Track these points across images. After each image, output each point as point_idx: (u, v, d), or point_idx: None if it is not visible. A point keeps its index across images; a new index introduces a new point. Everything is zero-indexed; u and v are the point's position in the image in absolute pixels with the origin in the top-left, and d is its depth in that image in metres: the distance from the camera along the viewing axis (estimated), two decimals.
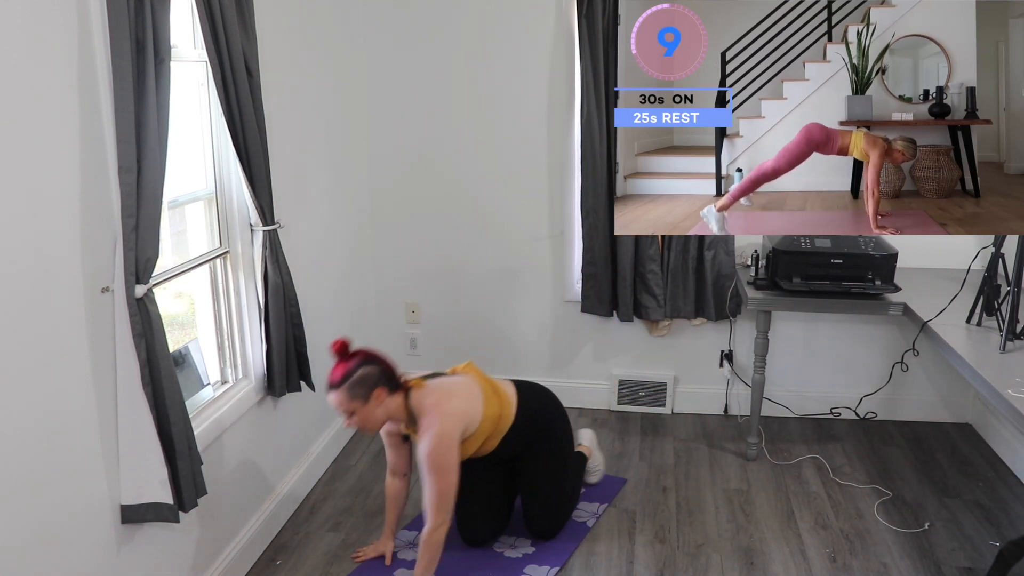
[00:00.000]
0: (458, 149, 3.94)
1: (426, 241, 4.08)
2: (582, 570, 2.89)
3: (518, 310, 4.11)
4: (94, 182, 2.03)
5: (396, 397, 2.63)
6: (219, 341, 2.87)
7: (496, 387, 2.86)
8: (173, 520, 2.27)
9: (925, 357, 3.83)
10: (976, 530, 3.08)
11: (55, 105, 1.91)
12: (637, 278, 3.84)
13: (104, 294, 2.08)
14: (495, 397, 2.81)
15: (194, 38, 2.60)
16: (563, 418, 3.07)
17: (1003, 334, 2.73)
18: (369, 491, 3.38)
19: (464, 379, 2.83)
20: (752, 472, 3.53)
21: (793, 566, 2.88)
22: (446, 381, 2.79)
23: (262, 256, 2.81)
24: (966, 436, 3.85)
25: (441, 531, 2.58)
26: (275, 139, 2.88)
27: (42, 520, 1.93)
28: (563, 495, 3.04)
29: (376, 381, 2.56)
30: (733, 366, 4.00)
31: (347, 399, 2.54)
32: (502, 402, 2.83)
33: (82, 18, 1.97)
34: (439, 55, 3.84)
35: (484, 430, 2.77)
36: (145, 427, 2.17)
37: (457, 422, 2.65)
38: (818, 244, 3.35)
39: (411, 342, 4.24)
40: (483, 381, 2.84)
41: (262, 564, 2.92)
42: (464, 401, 2.72)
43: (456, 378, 2.83)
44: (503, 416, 2.82)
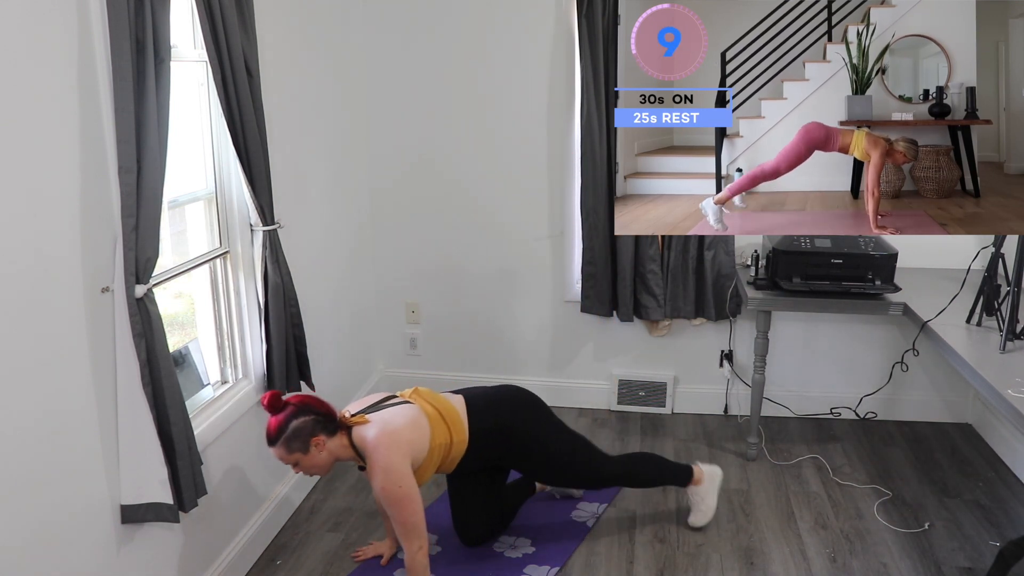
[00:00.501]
0: (458, 149, 3.94)
1: (426, 241, 4.08)
2: (582, 570, 2.88)
3: (518, 310, 4.11)
4: (94, 182, 2.03)
5: (337, 439, 2.56)
6: (219, 341, 2.87)
7: (446, 412, 2.71)
8: (173, 520, 2.27)
9: (925, 357, 3.83)
10: (976, 530, 3.08)
11: (55, 105, 1.91)
12: (637, 278, 3.84)
13: (104, 294, 2.08)
14: (442, 425, 2.68)
15: (194, 38, 2.60)
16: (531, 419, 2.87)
17: (1003, 334, 2.73)
18: (369, 491, 3.38)
19: (407, 408, 2.67)
20: (752, 472, 3.53)
21: (793, 566, 2.88)
22: (388, 413, 2.64)
23: (262, 256, 2.81)
24: (966, 436, 3.85)
25: (420, 555, 2.53)
26: (275, 139, 2.88)
27: (42, 520, 1.93)
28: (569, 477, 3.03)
29: (311, 431, 2.50)
30: (733, 366, 4.00)
31: (286, 453, 2.51)
32: (453, 428, 2.70)
33: (82, 18, 1.97)
34: (439, 55, 3.84)
35: (434, 459, 2.66)
36: (145, 427, 2.17)
37: (402, 452, 2.54)
38: (818, 244, 3.35)
39: (411, 342, 4.24)
40: (429, 408, 2.70)
41: (262, 564, 2.92)
42: (407, 430, 2.60)
43: (399, 408, 2.67)
44: (454, 443, 2.69)
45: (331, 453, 2.56)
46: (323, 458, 2.55)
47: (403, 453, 2.54)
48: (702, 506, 3.10)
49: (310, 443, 2.51)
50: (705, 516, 3.10)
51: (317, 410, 2.55)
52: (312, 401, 2.57)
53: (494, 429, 2.78)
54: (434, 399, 2.76)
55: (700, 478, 3.10)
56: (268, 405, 2.51)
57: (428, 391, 2.81)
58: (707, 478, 3.11)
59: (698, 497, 3.10)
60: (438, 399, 2.77)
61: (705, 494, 3.10)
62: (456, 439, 2.70)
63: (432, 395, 2.79)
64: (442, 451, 2.68)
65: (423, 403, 2.71)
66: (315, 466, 2.56)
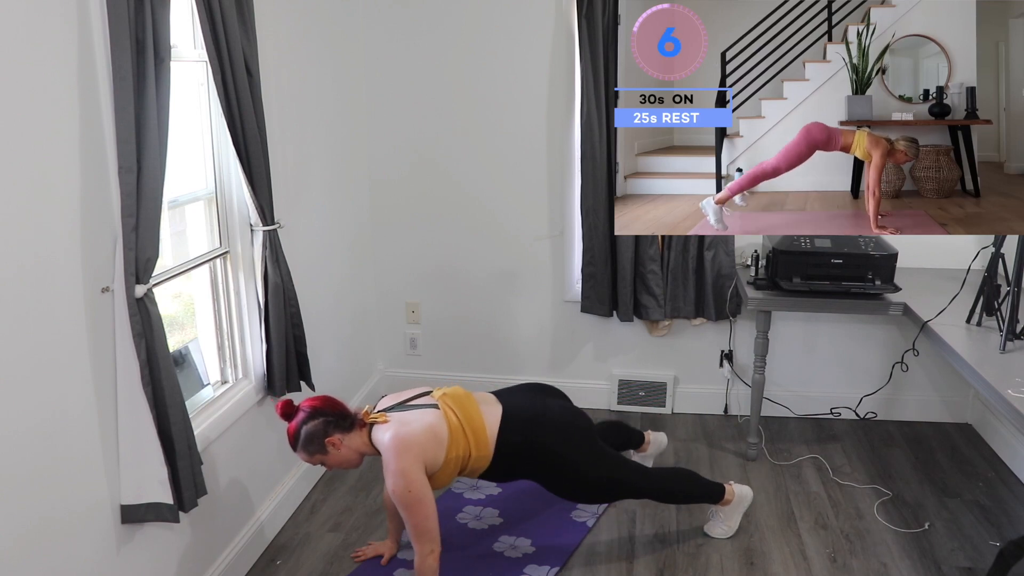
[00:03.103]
0: (459, 149, 3.94)
1: (426, 241, 4.08)
2: (582, 570, 2.88)
3: (518, 310, 4.11)
4: (94, 182, 2.03)
5: (356, 435, 2.59)
6: (219, 341, 2.87)
7: (470, 425, 2.62)
8: (173, 520, 2.27)
9: (925, 357, 3.83)
10: (976, 530, 3.08)
11: (55, 105, 1.91)
12: (637, 278, 3.84)
13: (104, 294, 2.08)
14: (463, 438, 2.60)
15: (194, 38, 2.60)
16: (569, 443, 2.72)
17: (1003, 334, 2.73)
18: (369, 491, 3.38)
19: (429, 414, 2.60)
20: (752, 472, 3.52)
21: (793, 566, 2.88)
22: (409, 415, 2.60)
23: (262, 256, 2.81)
24: (966, 436, 3.85)
25: (431, 559, 2.51)
26: (275, 139, 2.88)
27: (42, 520, 1.93)
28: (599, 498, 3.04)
29: (324, 432, 2.54)
30: (733, 366, 4.00)
31: (308, 456, 2.59)
32: (475, 444, 2.62)
33: (82, 18, 1.97)
34: (439, 56, 3.84)
35: (449, 469, 2.61)
36: (145, 427, 2.17)
37: (414, 456, 2.50)
38: (818, 244, 3.35)
39: (411, 342, 4.24)
40: (453, 418, 2.61)
41: (262, 564, 2.92)
42: (422, 436, 2.53)
43: (420, 413, 2.61)
44: (473, 457, 2.63)
45: (352, 449, 2.60)
46: (345, 455, 2.59)
47: (414, 458, 2.51)
48: (724, 523, 3.04)
49: (326, 444, 2.55)
50: (723, 532, 3.04)
51: (328, 411, 2.58)
52: (323, 403, 2.60)
53: (523, 447, 2.68)
54: (461, 408, 2.65)
55: (731, 499, 3.01)
56: (281, 413, 2.59)
57: (462, 395, 2.71)
58: (737, 499, 3.03)
59: (723, 514, 3.04)
60: (467, 409, 2.65)
61: (731, 513, 3.04)
62: (476, 454, 2.63)
63: (462, 402, 2.67)
64: (459, 463, 2.63)
65: (448, 411, 2.63)
66: (341, 463, 2.62)
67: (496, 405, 2.73)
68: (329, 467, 2.65)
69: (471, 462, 2.65)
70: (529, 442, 2.68)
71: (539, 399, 2.83)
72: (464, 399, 2.70)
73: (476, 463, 2.66)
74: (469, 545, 3.01)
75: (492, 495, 3.34)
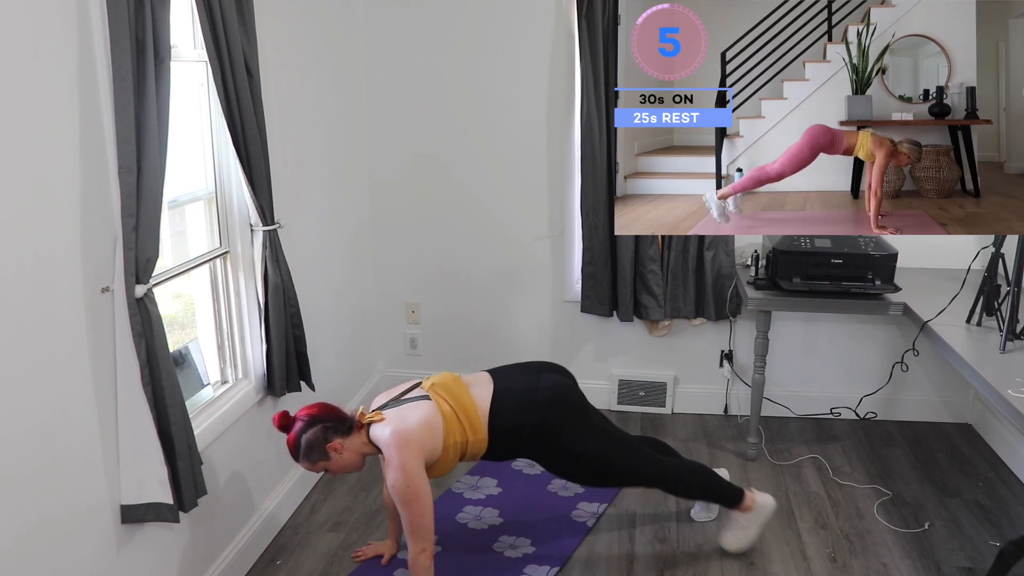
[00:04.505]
0: (458, 149, 3.94)
1: (426, 241, 4.08)
2: (582, 570, 2.88)
3: (518, 310, 4.11)
4: (94, 182, 2.03)
5: (355, 437, 2.59)
6: (219, 341, 2.87)
7: (463, 410, 2.62)
8: (173, 520, 2.27)
9: (925, 357, 3.83)
10: (976, 530, 3.08)
11: (55, 105, 1.91)
12: (637, 278, 3.84)
13: (104, 294, 2.08)
14: (457, 424, 2.61)
15: (194, 38, 2.60)
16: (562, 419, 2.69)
17: (1003, 334, 2.73)
18: (369, 491, 3.38)
19: (423, 406, 2.61)
20: (752, 472, 3.52)
21: (793, 566, 2.88)
22: (404, 409, 2.61)
23: (262, 256, 2.81)
24: (966, 436, 3.85)
25: (423, 556, 2.52)
26: (275, 139, 2.88)
27: (42, 520, 1.93)
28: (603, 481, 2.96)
29: (324, 439, 2.54)
30: (733, 366, 4.00)
31: (311, 464, 2.59)
32: (470, 428, 2.62)
33: (82, 18, 1.97)
34: (439, 56, 3.84)
35: (449, 457, 2.62)
36: (145, 427, 2.17)
37: (415, 450, 2.52)
38: (818, 244, 3.35)
39: (411, 342, 4.24)
40: (445, 406, 2.61)
41: (262, 564, 2.92)
42: (419, 430, 2.54)
43: (414, 406, 2.62)
44: (470, 442, 2.63)
45: (354, 452, 2.60)
46: (347, 458, 2.59)
47: (414, 453, 2.53)
48: (741, 534, 2.90)
49: (327, 450, 2.55)
50: (740, 544, 2.90)
51: (326, 417, 2.57)
52: (319, 410, 2.59)
53: (515, 429, 2.66)
54: (452, 395, 2.64)
55: (751, 506, 2.88)
56: (279, 426, 2.59)
57: (450, 381, 2.69)
58: (758, 507, 2.89)
59: (742, 523, 2.89)
60: (457, 395, 2.65)
61: (750, 523, 2.89)
62: (473, 438, 2.64)
63: (451, 389, 2.66)
64: (458, 449, 2.64)
65: (440, 400, 2.63)
66: (344, 467, 2.61)
67: (487, 386, 2.71)
68: (332, 473, 2.64)
69: (470, 447, 2.66)
70: (519, 423, 2.66)
71: (532, 377, 2.77)
72: (453, 385, 2.68)
73: (475, 447, 2.67)
74: (469, 545, 3.01)
75: (492, 495, 3.34)
